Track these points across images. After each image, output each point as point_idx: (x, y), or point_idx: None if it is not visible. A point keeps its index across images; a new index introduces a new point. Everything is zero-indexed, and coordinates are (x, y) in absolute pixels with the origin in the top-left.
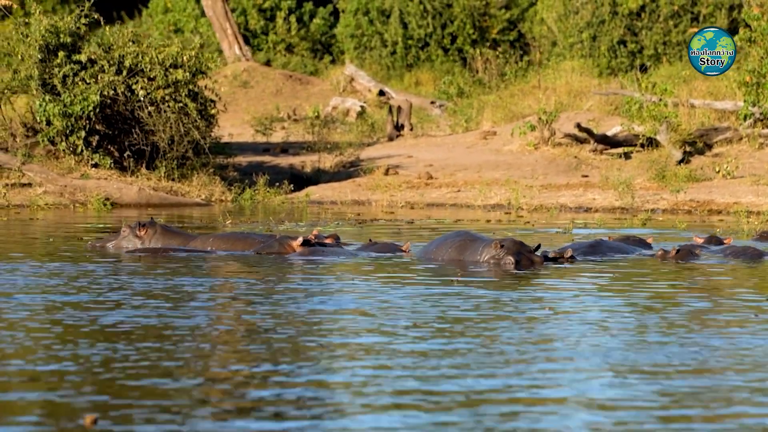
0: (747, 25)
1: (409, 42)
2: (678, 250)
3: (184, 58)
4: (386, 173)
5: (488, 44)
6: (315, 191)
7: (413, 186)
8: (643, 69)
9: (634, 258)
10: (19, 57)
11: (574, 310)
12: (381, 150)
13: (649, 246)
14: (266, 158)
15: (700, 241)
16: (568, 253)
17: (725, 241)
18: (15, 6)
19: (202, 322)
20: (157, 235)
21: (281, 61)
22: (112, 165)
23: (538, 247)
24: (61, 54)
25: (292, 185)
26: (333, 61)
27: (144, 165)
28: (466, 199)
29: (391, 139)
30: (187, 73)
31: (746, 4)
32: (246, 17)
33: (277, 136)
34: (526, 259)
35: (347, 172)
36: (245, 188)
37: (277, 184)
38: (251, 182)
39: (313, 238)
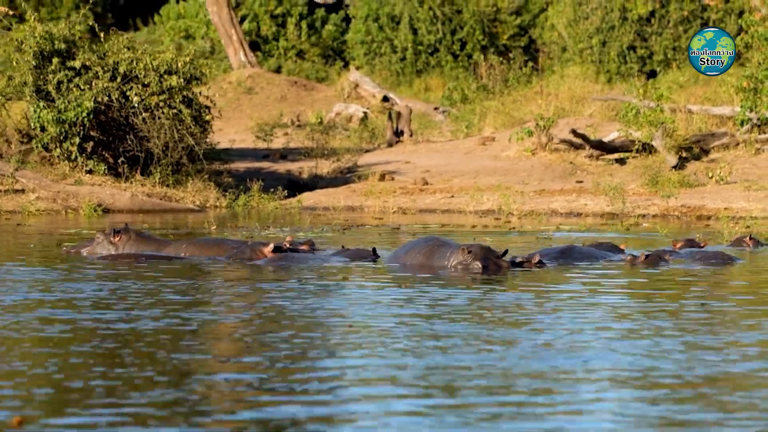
0: (746, 31)
1: (419, 48)
2: (647, 256)
3: (179, 64)
4: (381, 179)
5: (498, 50)
6: (309, 197)
7: (407, 192)
8: (653, 74)
9: (603, 264)
10: (14, 63)
11: (521, 313)
12: (380, 156)
13: (621, 251)
14: (264, 164)
15: (678, 245)
16: (536, 259)
17: (702, 246)
18: (22, 13)
19: (155, 325)
20: (131, 242)
21: (292, 67)
22: (107, 171)
23: (506, 252)
24: (55, 60)
25: (286, 191)
26: (344, 67)
27: (138, 171)
28: (458, 205)
29: (390, 145)
30: (182, 80)
31: (748, 10)
32: (258, 23)
33: (278, 142)
34: (494, 264)
35: (344, 178)
36: (240, 194)
37: (272, 190)
38: (247, 188)
39: (286, 244)
